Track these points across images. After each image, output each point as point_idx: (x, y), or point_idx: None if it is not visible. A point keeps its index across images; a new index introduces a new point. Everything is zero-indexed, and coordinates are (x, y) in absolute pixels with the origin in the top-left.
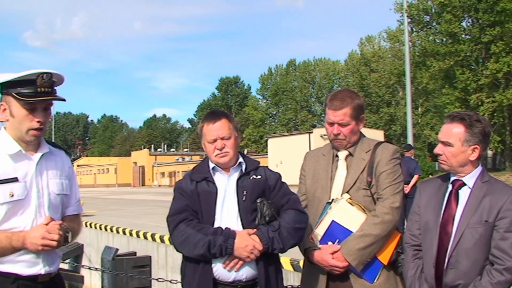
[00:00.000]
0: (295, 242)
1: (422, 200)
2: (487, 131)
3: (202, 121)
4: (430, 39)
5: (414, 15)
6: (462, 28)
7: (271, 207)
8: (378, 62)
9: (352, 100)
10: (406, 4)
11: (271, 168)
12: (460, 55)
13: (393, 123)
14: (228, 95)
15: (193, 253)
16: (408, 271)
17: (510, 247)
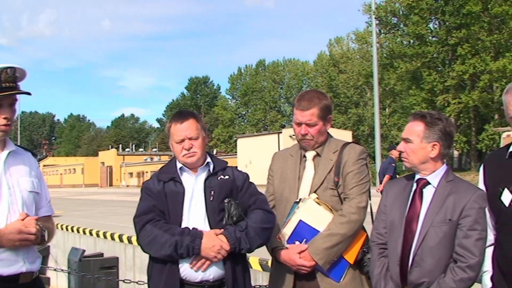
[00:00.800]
0: (262, 242)
1: (388, 199)
2: (448, 130)
3: (170, 121)
4: (397, 40)
5: (382, 17)
6: (429, 30)
7: (238, 207)
8: (346, 63)
9: (319, 101)
10: (374, 6)
11: (240, 169)
12: (427, 57)
13: (361, 123)
14: (198, 95)
15: (160, 253)
16: (374, 269)
17: (473, 245)
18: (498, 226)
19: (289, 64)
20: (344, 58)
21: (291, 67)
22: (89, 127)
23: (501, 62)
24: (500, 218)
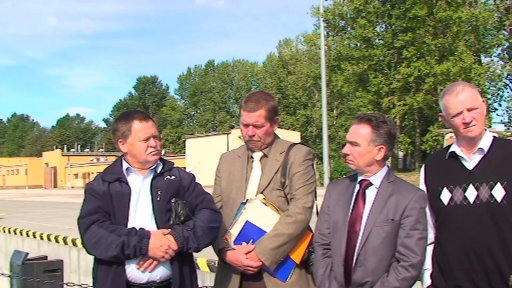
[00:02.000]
0: (210, 241)
1: (331, 200)
2: (392, 132)
3: (130, 119)
4: (345, 43)
5: (330, 20)
6: (376, 33)
7: (185, 206)
8: (295, 65)
9: (266, 102)
10: (322, 9)
11: (188, 170)
12: (374, 60)
13: (309, 124)
14: (146, 95)
15: (105, 255)
16: (318, 269)
17: (415, 244)
18: (438, 224)
19: (238, 64)
20: (293, 60)
21: (241, 68)
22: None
23: (445, 66)
24: (440, 217)
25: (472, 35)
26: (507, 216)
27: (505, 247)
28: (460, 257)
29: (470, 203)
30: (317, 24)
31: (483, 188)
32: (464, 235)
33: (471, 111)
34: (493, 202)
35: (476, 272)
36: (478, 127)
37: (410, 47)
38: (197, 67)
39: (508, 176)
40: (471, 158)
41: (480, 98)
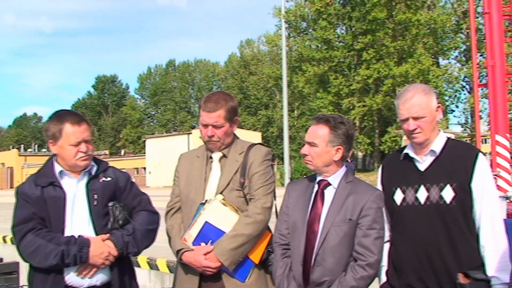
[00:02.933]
0: (148, 244)
1: (290, 200)
2: (350, 133)
3: (62, 122)
4: (306, 44)
5: (291, 21)
6: (336, 35)
7: (123, 210)
8: (257, 65)
9: (226, 102)
10: (284, 10)
11: (149, 170)
12: (334, 61)
13: (270, 125)
14: (105, 94)
15: (45, 264)
16: (277, 269)
17: (372, 243)
18: (391, 224)
19: (199, 64)
20: (255, 60)
21: (202, 67)
22: None
23: (404, 68)
24: (393, 216)
25: (431, 37)
26: (455, 217)
27: (453, 247)
28: (411, 257)
29: (421, 203)
30: (279, 25)
31: (433, 189)
32: (415, 235)
33: (416, 120)
34: (442, 203)
35: (426, 272)
36: (422, 135)
37: (370, 49)
38: (157, 66)
39: (457, 178)
40: (423, 159)
41: (434, 105)
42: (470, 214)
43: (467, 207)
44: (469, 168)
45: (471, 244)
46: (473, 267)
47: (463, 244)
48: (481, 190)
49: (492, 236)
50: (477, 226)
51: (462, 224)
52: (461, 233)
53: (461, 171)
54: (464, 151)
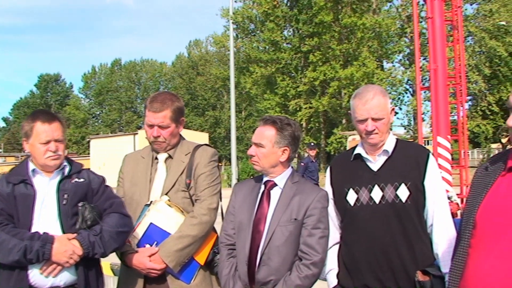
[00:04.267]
0: (118, 246)
1: (236, 201)
2: (296, 134)
3: (33, 120)
4: (254, 46)
5: (239, 22)
6: (283, 37)
7: (93, 210)
8: (205, 66)
9: (172, 103)
10: (231, 11)
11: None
12: (281, 63)
13: (217, 126)
14: (48, 93)
15: (7, 259)
16: (223, 269)
17: (317, 242)
18: (344, 225)
19: (146, 64)
20: (203, 61)
21: (149, 67)
22: None
23: (349, 70)
24: (346, 217)
25: (375, 41)
26: (411, 215)
27: (410, 246)
28: (367, 257)
29: (376, 203)
30: (227, 26)
31: (388, 188)
32: (371, 235)
33: (375, 121)
34: (398, 202)
35: (383, 271)
36: (379, 136)
37: (316, 51)
38: (102, 65)
39: (411, 177)
40: (376, 159)
41: (389, 107)
42: (423, 213)
43: (420, 205)
44: (421, 168)
45: (425, 242)
46: (427, 265)
47: (418, 242)
48: (433, 189)
49: (445, 234)
50: (429, 224)
51: (416, 223)
52: (416, 231)
53: (414, 170)
54: (415, 151)
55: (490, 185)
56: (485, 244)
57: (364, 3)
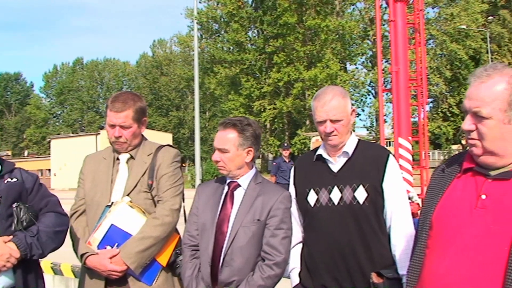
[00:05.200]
0: (56, 246)
1: (200, 202)
2: (257, 133)
3: None
4: (218, 46)
5: (203, 23)
6: (248, 38)
7: (28, 211)
8: (169, 66)
9: (134, 103)
10: (196, 11)
11: (54, 172)
12: (246, 64)
13: (181, 126)
14: (8, 93)
15: None
16: (185, 271)
17: (280, 243)
18: (305, 225)
19: (109, 63)
20: (167, 61)
21: (111, 67)
22: None
23: (313, 72)
24: (306, 217)
25: (339, 43)
26: (368, 217)
27: (367, 246)
28: (325, 257)
29: (335, 204)
30: (191, 26)
31: (346, 190)
32: (329, 235)
33: (334, 123)
34: (355, 204)
35: (340, 271)
36: (338, 137)
37: (281, 53)
38: (64, 64)
39: (370, 179)
40: (336, 161)
41: (349, 108)
42: (382, 214)
43: (379, 207)
44: (380, 169)
45: (383, 243)
46: (386, 266)
47: (376, 244)
48: (392, 190)
49: (403, 235)
50: (388, 225)
51: (374, 224)
52: (374, 233)
53: (373, 172)
54: (375, 152)
55: (446, 187)
56: (441, 245)
57: (328, 5)
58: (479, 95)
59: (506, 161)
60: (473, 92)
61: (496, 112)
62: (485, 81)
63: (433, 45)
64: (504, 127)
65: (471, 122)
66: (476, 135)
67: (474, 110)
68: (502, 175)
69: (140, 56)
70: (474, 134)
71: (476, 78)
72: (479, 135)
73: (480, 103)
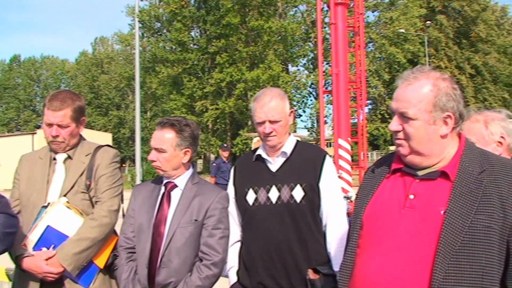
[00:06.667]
0: (5, 248)
1: (136, 203)
2: (195, 133)
3: None
4: (160, 45)
5: (145, 21)
6: (191, 37)
7: None
8: (110, 64)
9: (72, 102)
10: (137, 9)
11: None
12: (188, 64)
13: (122, 126)
14: None
15: None
16: (122, 273)
17: (217, 243)
18: (243, 224)
19: (47, 61)
20: (108, 59)
21: (50, 64)
22: None
23: (256, 73)
24: (245, 216)
25: (281, 45)
26: (305, 215)
27: (303, 244)
28: (262, 255)
29: (273, 203)
30: (132, 24)
31: (284, 189)
32: (266, 234)
33: (273, 123)
34: (293, 203)
35: (277, 269)
36: (277, 138)
37: (224, 53)
38: (0, 62)
39: (307, 178)
40: (275, 161)
41: (287, 109)
42: (318, 213)
43: (315, 206)
44: (317, 169)
45: (319, 241)
46: (321, 263)
47: (312, 241)
48: (328, 190)
49: (338, 233)
50: (324, 224)
51: (311, 222)
52: (310, 231)
53: (310, 172)
54: (312, 153)
55: (376, 187)
56: (371, 244)
57: (270, 7)
58: (406, 96)
59: (431, 161)
60: (400, 94)
61: (422, 113)
62: (412, 83)
63: (373, 48)
64: (430, 127)
65: (398, 123)
66: (403, 135)
67: (401, 111)
68: (429, 175)
69: (80, 54)
70: (401, 134)
71: (403, 80)
72: (406, 136)
73: (407, 105)
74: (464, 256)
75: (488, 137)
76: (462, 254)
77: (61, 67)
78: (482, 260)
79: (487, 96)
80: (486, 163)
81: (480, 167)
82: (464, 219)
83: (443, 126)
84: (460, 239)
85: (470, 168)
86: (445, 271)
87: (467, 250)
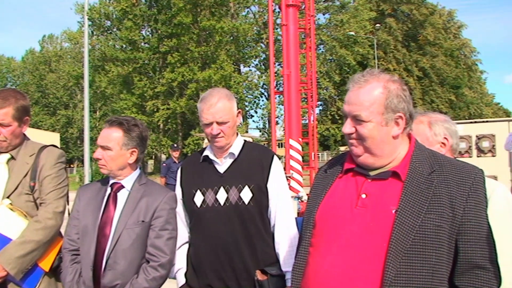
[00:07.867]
0: None
1: (81, 204)
2: (144, 135)
3: None
4: (110, 44)
5: (95, 19)
6: (142, 36)
7: None
8: (58, 63)
9: (16, 100)
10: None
11: None
12: (139, 63)
13: (70, 126)
14: None
15: None
16: (66, 276)
17: (165, 244)
18: (191, 225)
19: None
20: (56, 57)
21: None
22: None
23: (207, 73)
24: (193, 218)
25: (233, 45)
26: (253, 216)
27: (252, 246)
28: (211, 257)
29: (221, 204)
30: (82, 22)
31: (232, 190)
32: (215, 235)
33: (220, 125)
34: (241, 204)
35: (225, 271)
36: (225, 139)
37: (175, 52)
38: None
39: (255, 179)
40: (222, 162)
41: (235, 110)
42: (266, 214)
43: (263, 207)
44: (265, 170)
45: (267, 242)
46: (270, 264)
47: (260, 242)
48: (277, 190)
49: (286, 234)
50: (272, 224)
51: (259, 223)
52: (258, 232)
53: (258, 172)
54: (260, 153)
55: (329, 187)
56: (324, 243)
57: (222, 7)
58: (358, 99)
59: (384, 162)
60: (352, 97)
61: (375, 115)
62: (363, 86)
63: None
64: (382, 129)
65: (351, 125)
66: (356, 137)
67: (354, 114)
68: (381, 175)
69: (26, 52)
70: (354, 136)
71: (354, 83)
72: (359, 137)
73: (359, 108)
74: (415, 254)
75: (432, 138)
76: (413, 252)
77: (7, 65)
78: (433, 258)
79: (434, 98)
80: (436, 163)
81: (430, 168)
82: (415, 218)
83: (395, 127)
84: (411, 238)
85: (420, 168)
86: (397, 269)
87: (418, 249)
